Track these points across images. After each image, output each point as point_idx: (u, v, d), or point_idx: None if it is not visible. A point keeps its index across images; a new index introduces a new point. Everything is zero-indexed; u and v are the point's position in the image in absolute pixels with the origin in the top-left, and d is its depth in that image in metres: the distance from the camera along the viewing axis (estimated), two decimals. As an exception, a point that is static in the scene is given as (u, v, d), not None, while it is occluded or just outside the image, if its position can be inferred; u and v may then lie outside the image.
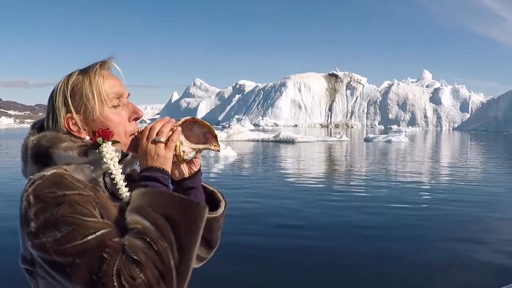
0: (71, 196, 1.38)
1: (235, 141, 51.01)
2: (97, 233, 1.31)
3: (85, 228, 1.31)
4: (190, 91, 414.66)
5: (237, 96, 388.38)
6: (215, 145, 1.64)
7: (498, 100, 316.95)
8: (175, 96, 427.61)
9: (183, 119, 1.65)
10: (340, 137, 63.57)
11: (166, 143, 1.55)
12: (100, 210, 1.43)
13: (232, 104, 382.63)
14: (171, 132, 1.59)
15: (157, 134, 1.55)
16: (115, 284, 1.24)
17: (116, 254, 1.27)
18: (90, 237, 1.30)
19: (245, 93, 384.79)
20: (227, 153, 31.44)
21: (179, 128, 1.60)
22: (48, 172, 1.44)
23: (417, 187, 18.39)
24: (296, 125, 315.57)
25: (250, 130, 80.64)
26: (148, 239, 1.32)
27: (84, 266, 1.27)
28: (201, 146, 1.64)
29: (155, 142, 1.54)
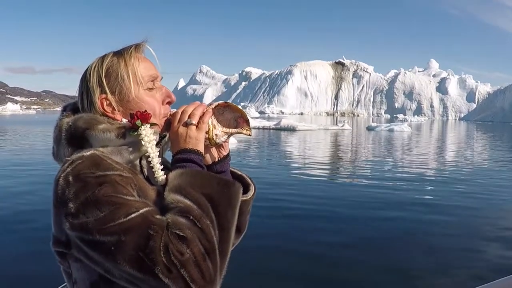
0: (112, 177, 1.38)
1: (236, 128, 51.12)
2: (141, 211, 1.31)
3: (128, 206, 1.32)
4: (197, 78, 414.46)
5: (243, 83, 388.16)
6: (247, 129, 1.63)
7: (505, 91, 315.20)
8: (181, 83, 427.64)
9: (215, 104, 1.63)
10: (342, 126, 63.37)
11: (197, 125, 1.53)
12: (138, 192, 1.42)
13: (238, 91, 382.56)
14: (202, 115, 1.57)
15: (189, 117, 1.53)
16: (164, 260, 1.24)
17: (162, 231, 1.27)
18: (134, 214, 1.30)
19: (251, 80, 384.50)
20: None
21: (210, 110, 1.58)
22: (87, 153, 1.43)
23: (412, 178, 18.15)
24: (302, 113, 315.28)
25: (256, 118, 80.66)
26: (191, 217, 1.32)
27: (130, 243, 1.26)
28: (233, 130, 1.63)
29: (186, 124, 1.52)
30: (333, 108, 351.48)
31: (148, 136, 1.48)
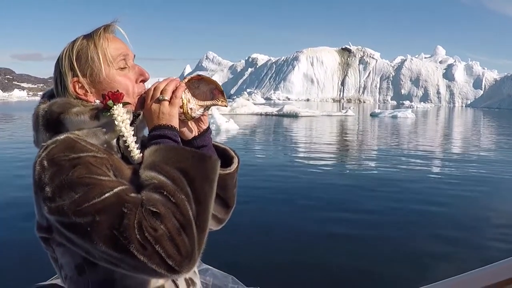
0: (86, 158, 1.38)
1: (239, 115, 51.08)
2: (115, 190, 1.31)
3: (101, 186, 1.31)
4: (203, 64, 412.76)
5: (250, 69, 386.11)
6: (222, 101, 1.63)
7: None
8: (188, 69, 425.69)
9: (188, 77, 1.64)
10: (345, 112, 63.28)
11: (170, 101, 1.54)
12: (114, 172, 1.43)
13: (244, 77, 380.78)
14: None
15: (161, 93, 1.54)
16: (138, 236, 1.23)
17: (136, 208, 1.27)
18: (108, 194, 1.30)
19: (257, 66, 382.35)
20: (228, 127, 31.73)
21: (183, 84, 1.59)
22: (61, 136, 1.44)
23: (407, 170, 17.91)
24: (308, 99, 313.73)
25: (260, 104, 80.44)
26: (165, 192, 1.31)
27: (105, 223, 1.26)
28: (208, 103, 1.63)
29: (159, 100, 1.53)
30: (340, 95, 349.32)
31: (121, 115, 1.49)
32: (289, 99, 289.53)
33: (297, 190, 12.37)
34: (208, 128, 1.75)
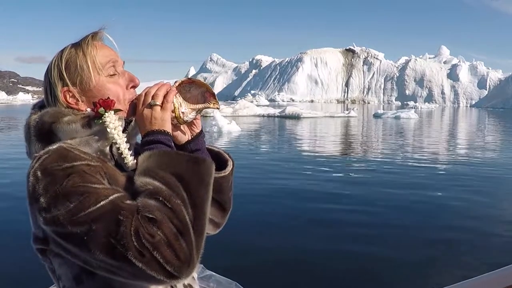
0: (80, 167, 1.37)
1: (241, 116, 50.93)
2: (110, 198, 1.31)
3: (97, 195, 1.31)
4: (207, 66, 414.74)
5: (254, 71, 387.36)
6: (214, 103, 1.62)
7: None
8: (192, 71, 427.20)
9: (179, 81, 1.64)
10: (348, 113, 62.97)
11: (161, 105, 1.52)
12: (108, 180, 1.42)
13: (248, 79, 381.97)
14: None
15: (152, 98, 1.53)
16: (135, 243, 1.23)
17: (132, 215, 1.26)
18: (103, 202, 1.29)
19: (261, 68, 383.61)
20: (230, 128, 31.63)
21: (174, 88, 1.58)
22: (54, 146, 1.43)
23: (406, 172, 17.87)
24: (312, 101, 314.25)
25: (263, 106, 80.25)
26: (160, 198, 1.31)
27: (101, 231, 1.25)
28: (200, 106, 1.63)
29: (150, 105, 1.51)
30: (344, 96, 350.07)
31: (113, 122, 1.48)
32: (293, 100, 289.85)
33: (301, 192, 12.29)
34: (201, 131, 1.74)
